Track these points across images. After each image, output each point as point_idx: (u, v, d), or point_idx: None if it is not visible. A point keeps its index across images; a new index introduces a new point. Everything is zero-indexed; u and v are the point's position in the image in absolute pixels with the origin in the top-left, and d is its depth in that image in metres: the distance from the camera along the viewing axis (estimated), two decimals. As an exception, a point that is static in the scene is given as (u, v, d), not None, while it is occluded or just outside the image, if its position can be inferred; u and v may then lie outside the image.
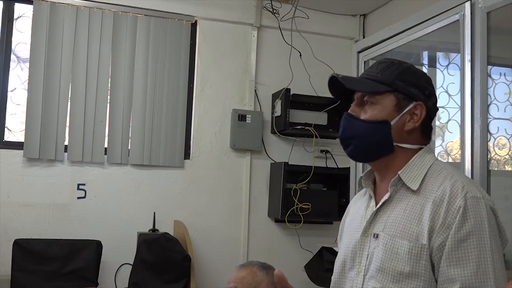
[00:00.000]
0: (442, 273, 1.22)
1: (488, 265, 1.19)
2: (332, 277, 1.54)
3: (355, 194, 1.64)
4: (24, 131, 3.50)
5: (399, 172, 1.34)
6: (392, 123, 1.35)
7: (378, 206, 1.37)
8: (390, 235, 1.29)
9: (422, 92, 1.37)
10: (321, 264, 3.58)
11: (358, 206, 1.50)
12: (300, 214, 3.78)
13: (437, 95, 1.45)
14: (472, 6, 2.06)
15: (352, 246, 1.41)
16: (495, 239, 1.23)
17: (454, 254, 1.21)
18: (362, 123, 1.37)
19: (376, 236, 1.33)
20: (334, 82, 1.43)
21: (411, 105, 1.36)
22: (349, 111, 1.42)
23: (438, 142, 2.64)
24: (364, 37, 4.19)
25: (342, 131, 1.42)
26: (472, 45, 2.05)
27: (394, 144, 1.36)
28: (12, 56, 3.62)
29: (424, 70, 2.83)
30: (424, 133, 1.40)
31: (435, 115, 1.43)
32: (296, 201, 3.77)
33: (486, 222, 1.22)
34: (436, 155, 1.63)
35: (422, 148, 1.39)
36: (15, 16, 3.64)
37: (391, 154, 1.37)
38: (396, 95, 1.36)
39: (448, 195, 1.25)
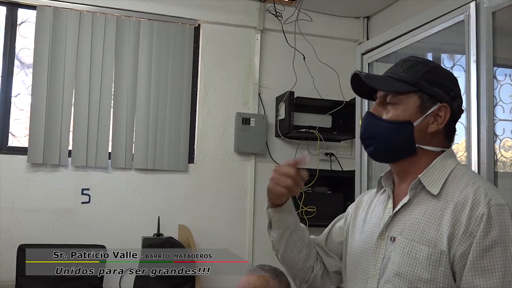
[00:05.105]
0: (466, 283, 1.19)
1: None
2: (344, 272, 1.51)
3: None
4: (28, 137, 3.50)
5: (419, 176, 1.31)
6: (415, 124, 1.31)
7: (396, 209, 1.34)
8: (408, 239, 1.26)
9: (447, 93, 1.33)
10: (327, 268, 3.55)
11: (375, 204, 1.47)
12: (305, 217, 3.75)
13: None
14: (477, 6, 2.05)
15: (368, 247, 1.38)
16: None
17: (479, 263, 1.17)
18: (384, 123, 1.34)
19: (393, 239, 1.31)
20: (357, 79, 1.39)
21: (435, 107, 1.32)
22: (371, 110, 1.39)
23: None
24: (368, 39, 4.17)
25: (364, 131, 1.39)
26: (477, 45, 2.04)
27: (417, 145, 1.33)
28: (16, 62, 3.61)
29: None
30: (447, 135, 1.37)
31: (459, 117, 1.39)
32: (301, 204, 3.75)
33: (511, 230, 1.19)
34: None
35: (444, 151, 1.35)
36: (18, 22, 3.63)
37: (413, 156, 1.34)
38: (420, 95, 1.32)
39: (471, 202, 1.21)
